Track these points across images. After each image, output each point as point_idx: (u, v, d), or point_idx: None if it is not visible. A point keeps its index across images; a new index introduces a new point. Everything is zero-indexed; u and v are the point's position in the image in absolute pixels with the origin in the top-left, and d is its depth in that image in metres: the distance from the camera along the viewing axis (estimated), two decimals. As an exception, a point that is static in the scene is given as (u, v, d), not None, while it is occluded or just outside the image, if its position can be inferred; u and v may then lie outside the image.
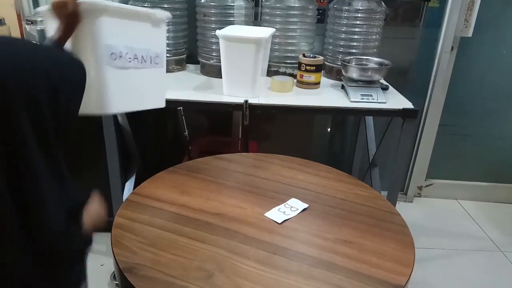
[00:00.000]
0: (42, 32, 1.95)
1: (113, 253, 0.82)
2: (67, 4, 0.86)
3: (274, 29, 1.77)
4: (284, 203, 1.03)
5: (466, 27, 2.11)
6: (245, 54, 1.57)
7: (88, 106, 0.81)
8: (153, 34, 1.14)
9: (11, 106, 0.63)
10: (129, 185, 1.94)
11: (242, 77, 1.61)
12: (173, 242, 0.86)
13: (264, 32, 1.67)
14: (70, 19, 0.89)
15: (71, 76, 0.74)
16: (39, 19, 1.81)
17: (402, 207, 2.34)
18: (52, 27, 0.90)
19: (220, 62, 1.68)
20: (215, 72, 1.87)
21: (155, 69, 1.17)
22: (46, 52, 0.76)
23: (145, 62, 1.13)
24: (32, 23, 1.81)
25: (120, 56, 1.05)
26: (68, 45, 0.91)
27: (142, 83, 1.14)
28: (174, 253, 0.83)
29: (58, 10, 0.87)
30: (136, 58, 1.09)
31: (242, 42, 1.57)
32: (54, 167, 0.71)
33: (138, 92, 1.14)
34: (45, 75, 0.68)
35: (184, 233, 0.89)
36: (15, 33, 1.87)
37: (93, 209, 0.81)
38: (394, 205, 1.76)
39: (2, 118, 0.63)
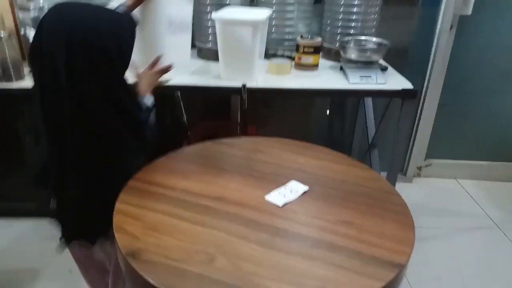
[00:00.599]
0: (35, 20, 1.92)
1: (115, 238, 0.82)
2: None
3: (271, 11, 1.74)
4: (284, 186, 1.03)
5: (465, 4, 2.08)
6: (242, 37, 1.55)
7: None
8: (187, 7, 1.56)
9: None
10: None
11: (240, 61, 1.60)
12: (175, 227, 0.87)
13: (261, 14, 1.65)
14: None
15: (131, 35, 1.02)
16: (32, 6, 1.79)
17: (401, 187, 2.35)
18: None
19: (217, 46, 1.66)
20: (212, 56, 1.85)
21: (187, 33, 1.62)
22: (118, 15, 1.03)
23: (182, 28, 1.55)
24: (25, 10, 1.78)
25: (172, 25, 1.46)
26: (136, 13, 1.23)
27: (181, 43, 1.59)
28: (176, 238, 0.83)
29: None
30: (180, 26, 1.52)
31: (238, 25, 1.55)
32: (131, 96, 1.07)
33: (179, 50, 1.57)
34: (116, 35, 0.96)
35: (186, 218, 0.89)
36: (8, 21, 1.85)
37: (147, 74, 1.26)
38: (394, 185, 1.78)
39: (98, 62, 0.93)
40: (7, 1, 1.74)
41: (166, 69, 1.30)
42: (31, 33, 1.80)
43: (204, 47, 1.90)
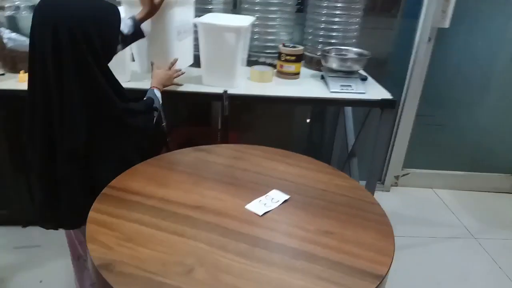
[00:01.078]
0: (10, 19, 1.86)
1: (87, 249, 0.79)
2: None
3: (254, 18, 1.74)
4: (265, 195, 1.02)
5: (443, 18, 2.14)
6: (225, 43, 1.53)
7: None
8: (189, 13, 1.62)
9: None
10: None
11: (222, 66, 1.58)
12: (151, 237, 0.84)
13: (244, 20, 1.64)
14: (154, 7, 1.32)
15: (113, 21, 1.12)
16: (7, 5, 1.73)
17: (379, 196, 2.37)
18: (135, 10, 1.32)
19: (198, 51, 1.65)
20: (194, 61, 1.83)
21: (190, 38, 1.68)
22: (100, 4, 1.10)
23: (187, 33, 1.62)
24: (0, 9, 1.72)
25: (180, 32, 1.54)
26: (146, 25, 1.33)
27: (185, 48, 1.64)
28: (153, 248, 0.80)
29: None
30: (185, 31, 1.59)
31: (221, 31, 1.54)
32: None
33: (184, 54, 1.61)
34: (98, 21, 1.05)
35: (163, 227, 0.87)
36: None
37: (161, 73, 1.45)
38: (372, 194, 1.78)
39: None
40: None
41: (180, 73, 1.53)
42: (5, 33, 1.74)
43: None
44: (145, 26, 1.33)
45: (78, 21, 1.01)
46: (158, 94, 1.35)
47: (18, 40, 1.74)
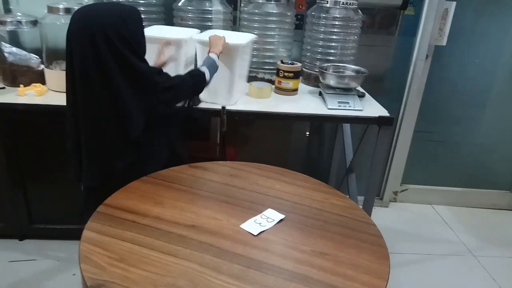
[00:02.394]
0: (12, 33, 1.88)
1: (80, 269, 0.78)
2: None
3: (255, 35, 1.76)
4: (261, 214, 1.01)
5: (440, 36, 2.16)
6: (223, 60, 1.55)
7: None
8: (192, 46, 1.66)
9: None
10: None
11: (219, 83, 1.59)
12: (144, 257, 0.83)
13: (243, 38, 1.66)
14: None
15: (137, 20, 1.23)
16: (8, 19, 1.75)
17: (377, 212, 2.37)
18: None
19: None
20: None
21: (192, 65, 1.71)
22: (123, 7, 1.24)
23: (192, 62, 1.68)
24: (1, 24, 1.74)
25: (188, 65, 1.63)
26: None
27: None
28: (145, 269, 0.80)
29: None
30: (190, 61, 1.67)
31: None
32: None
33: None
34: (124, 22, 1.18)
35: (156, 247, 0.86)
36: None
37: (213, 38, 1.52)
38: (371, 210, 1.78)
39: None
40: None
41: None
42: (6, 47, 1.76)
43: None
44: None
45: (110, 25, 1.14)
46: (213, 56, 1.44)
47: (19, 55, 1.76)
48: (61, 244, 1.97)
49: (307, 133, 2.41)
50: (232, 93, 1.62)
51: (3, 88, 1.73)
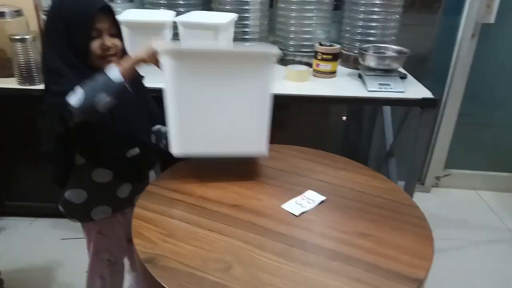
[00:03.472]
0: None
1: (133, 244, 0.83)
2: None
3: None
4: (301, 195, 1.03)
5: (488, 13, 2.05)
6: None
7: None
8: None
9: None
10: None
11: None
12: (192, 233, 0.87)
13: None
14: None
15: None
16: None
17: (419, 198, 2.31)
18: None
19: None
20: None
21: None
22: None
23: None
24: (49, 14, 1.83)
25: None
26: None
27: None
28: (193, 244, 0.84)
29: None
30: None
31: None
32: None
33: None
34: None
35: (203, 225, 0.90)
36: (33, 24, 1.89)
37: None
38: (412, 195, 1.75)
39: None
40: (32, 5, 1.79)
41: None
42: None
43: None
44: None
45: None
46: (111, 71, 0.96)
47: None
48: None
49: (344, 117, 2.38)
50: None
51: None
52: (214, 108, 1.02)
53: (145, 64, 0.98)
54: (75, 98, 0.93)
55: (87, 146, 1.09)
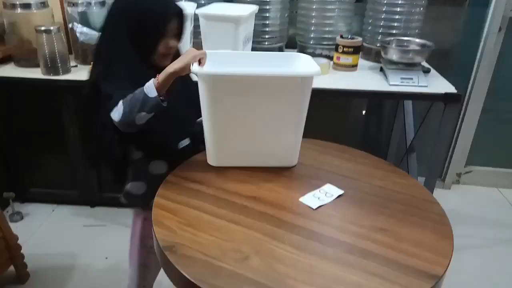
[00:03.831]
0: (82, 14, 2.00)
1: (153, 232, 0.85)
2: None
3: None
4: (319, 189, 1.03)
5: (517, 6, 1.98)
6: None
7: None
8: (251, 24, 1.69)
9: None
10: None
11: None
12: (210, 223, 0.88)
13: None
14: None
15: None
16: (80, 1, 1.86)
17: (439, 194, 2.27)
18: None
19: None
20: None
21: (249, 43, 1.77)
22: None
23: (248, 41, 1.67)
24: (73, 5, 1.86)
25: (244, 42, 1.58)
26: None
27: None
28: (212, 234, 0.85)
29: None
30: (247, 40, 1.73)
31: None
32: None
33: None
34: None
35: (221, 215, 0.91)
36: (57, 15, 1.93)
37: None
38: (432, 191, 1.72)
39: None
40: (57, -4, 1.82)
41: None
42: (78, 27, 1.87)
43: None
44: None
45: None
46: (148, 88, 0.98)
47: (89, 34, 1.87)
48: (128, 212, 2.11)
49: (364, 111, 2.35)
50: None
51: (75, 66, 1.86)
52: (249, 125, 1.05)
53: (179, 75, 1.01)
54: (117, 114, 0.99)
55: (142, 142, 1.14)
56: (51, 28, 1.69)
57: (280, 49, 1.97)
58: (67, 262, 1.82)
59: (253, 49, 1.84)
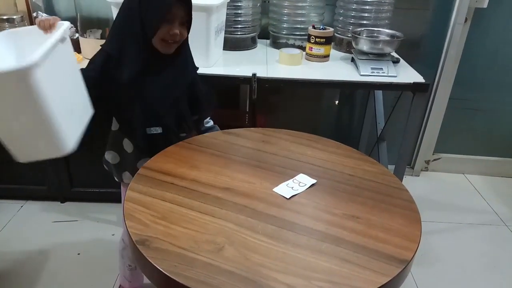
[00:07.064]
0: (47, 2, 1.93)
1: (125, 226, 0.84)
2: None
3: None
4: (293, 179, 1.04)
5: (481, -3, 2.04)
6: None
7: None
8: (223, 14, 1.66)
9: None
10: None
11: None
12: (183, 216, 0.88)
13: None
14: None
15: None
16: (44, -12, 1.79)
17: (408, 181, 2.35)
18: None
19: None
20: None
21: (222, 33, 1.72)
22: None
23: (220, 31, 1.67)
24: (37, -7, 1.79)
25: (216, 32, 1.63)
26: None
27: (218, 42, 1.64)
28: (185, 227, 0.85)
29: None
30: (219, 30, 1.68)
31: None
32: None
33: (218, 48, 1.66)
34: None
35: (194, 207, 0.91)
36: (21, 4, 1.85)
37: None
38: (401, 179, 1.77)
39: None
40: (19, -16, 1.75)
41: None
42: (42, 15, 1.80)
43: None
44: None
45: None
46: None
47: (55, 24, 1.80)
48: (100, 207, 2.08)
49: (337, 101, 2.38)
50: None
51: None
52: None
53: None
54: None
55: (117, 115, 1.22)
56: (14, 17, 1.62)
57: (253, 39, 1.96)
58: (37, 259, 1.77)
59: (226, 39, 1.82)
